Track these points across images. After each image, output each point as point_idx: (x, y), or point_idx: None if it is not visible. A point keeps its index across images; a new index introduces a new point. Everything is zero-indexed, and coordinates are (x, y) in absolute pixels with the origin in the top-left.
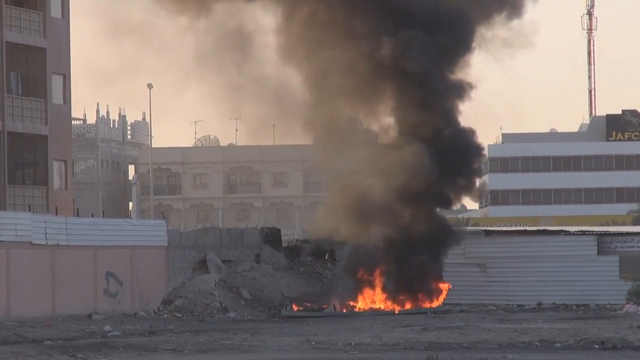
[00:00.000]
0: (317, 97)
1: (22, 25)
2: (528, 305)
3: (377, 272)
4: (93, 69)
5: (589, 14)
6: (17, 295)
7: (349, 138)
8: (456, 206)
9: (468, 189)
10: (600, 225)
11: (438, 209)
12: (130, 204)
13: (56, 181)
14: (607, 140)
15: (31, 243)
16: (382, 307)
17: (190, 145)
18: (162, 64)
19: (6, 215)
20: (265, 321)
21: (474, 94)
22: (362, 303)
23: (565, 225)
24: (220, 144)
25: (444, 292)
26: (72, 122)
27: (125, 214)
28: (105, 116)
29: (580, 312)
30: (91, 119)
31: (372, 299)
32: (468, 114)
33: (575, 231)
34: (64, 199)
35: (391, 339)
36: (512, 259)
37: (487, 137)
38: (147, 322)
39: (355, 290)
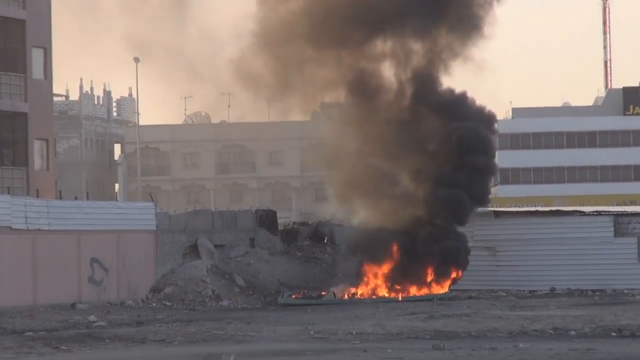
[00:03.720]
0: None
1: None
2: (540, 290)
3: (382, 256)
4: (76, 42)
5: None
6: None
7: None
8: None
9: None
10: (617, 205)
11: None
12: (116, 185)
13: (37, 161)
14: (624, 114)
15: (10, 228)
16: (386, 293)
17: (180, 122)
18: (151, 35)
19: None
20: (261, 309)
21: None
22: (365, 289)
23: (579, 206)
24: (212, 121)
25: (453, 277)
26: (54, 98)
27: (111, 197)
28: (89, 92)
29: (596, 298)
30: (74, 95)
31: (376, 284)
32: (477, 88)
33: (590, 212)
34: (45, 180)
35: (395, 328)
36: (523, 242)
37: (496, 112)
38: (134, 311)
39: (358, 276)
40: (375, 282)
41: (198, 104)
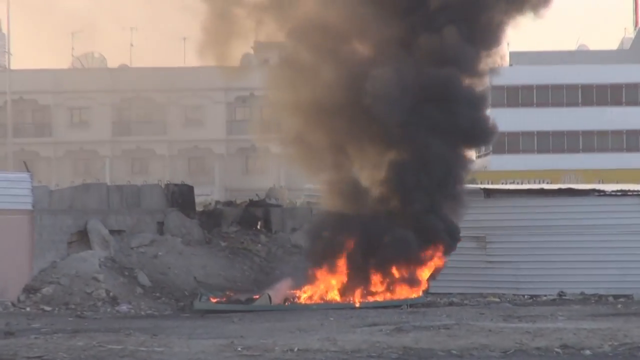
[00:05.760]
0: None
1: None
2: (545, 296)
3: (339, 247)
4: None
5: None
6: None
7: None
8: None
9: None
10: None
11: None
12: None
13: None
14: None
15: None
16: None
17: (66, 67)
18: None
19: None
20: (171, 317)
21: None
22: (312, 292)
23: (598, 183)
24: (109, 65)
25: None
26: None
27: None
28: None
29: (619, 306)
30: None
31: (327, 285)
32: None
33: (612, 191)
34: None
35: (350, 343)
36: (523, 230)
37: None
38: (2, 318)
39: (303, 274)
40: (326, 281)
41: (90, 41)
